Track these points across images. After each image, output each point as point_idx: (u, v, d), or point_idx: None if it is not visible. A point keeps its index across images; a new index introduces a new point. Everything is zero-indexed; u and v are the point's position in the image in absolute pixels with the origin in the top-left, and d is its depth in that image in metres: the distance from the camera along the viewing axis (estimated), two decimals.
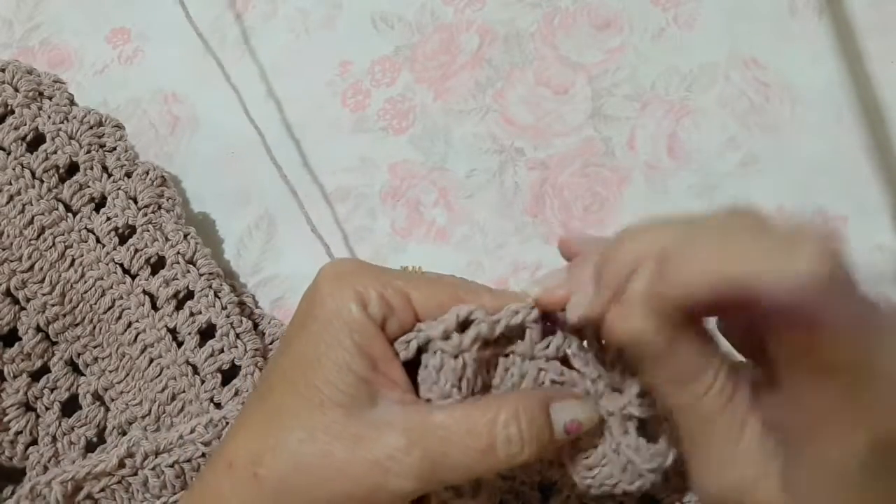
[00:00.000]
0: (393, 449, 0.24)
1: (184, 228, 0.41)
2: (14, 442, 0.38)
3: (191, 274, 0.40)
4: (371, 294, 0.25)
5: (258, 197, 0.48)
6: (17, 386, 0.39)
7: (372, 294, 0.25)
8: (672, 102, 0.47)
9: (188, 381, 0.38)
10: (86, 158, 0.41)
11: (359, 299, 0.25)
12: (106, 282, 0.40)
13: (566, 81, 0.48)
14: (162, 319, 0.39)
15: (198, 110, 0.50)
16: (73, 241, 0.40)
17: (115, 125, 0.42)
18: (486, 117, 0.48)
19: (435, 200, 0.47)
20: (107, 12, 0.54)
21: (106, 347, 0.40)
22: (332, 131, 0.49)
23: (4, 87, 0.41)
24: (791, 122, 0.45)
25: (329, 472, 0.24)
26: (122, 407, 0.39)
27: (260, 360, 0.39)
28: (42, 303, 0.39)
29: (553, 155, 0.47)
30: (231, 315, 0.40)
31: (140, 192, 0.41)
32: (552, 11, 0.50)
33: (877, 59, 0.46)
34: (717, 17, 0.48)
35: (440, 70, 0.50)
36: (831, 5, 0.47)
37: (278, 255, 0.47)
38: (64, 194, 0.40)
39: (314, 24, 0.52)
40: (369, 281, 0.26)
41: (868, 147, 0.44)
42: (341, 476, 0.24)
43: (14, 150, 0.40)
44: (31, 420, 0.39)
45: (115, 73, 0.52)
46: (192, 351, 0.39)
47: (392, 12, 0.51)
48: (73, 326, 0.40)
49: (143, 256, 0.40)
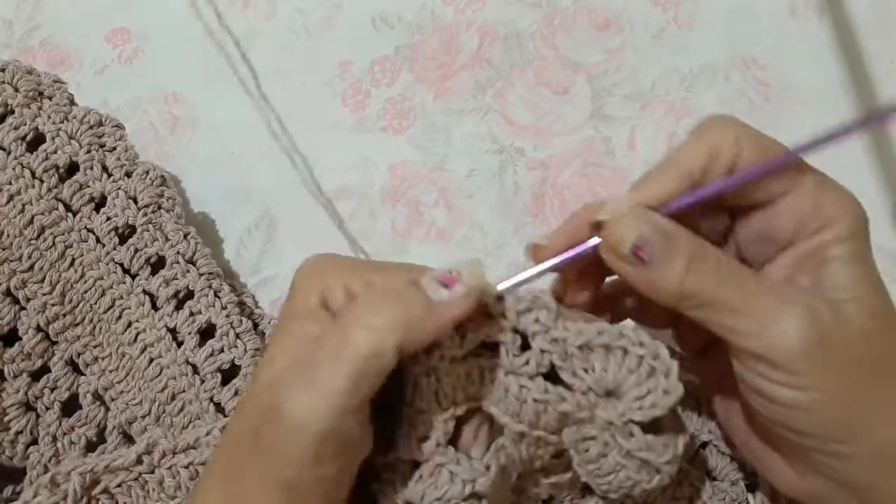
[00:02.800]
0: None
1: (184, 228, 0.41)
2: (14, 442, 0.38)
3: (191, 274, 0.40)
4: (335, 287, 0.27)
5: (258, 197, 0.48)
6: (17, 386, 0.39)
7: (336, 287, 0.27)
8: (672, 102, 0.47)
9: (188, 381, 0.38)
10: (86, 158, 0.41)
11: (319, 294, 0.27)
12: (106, 281, 0.40)
13: (566, 81, 0.48)
14: (162, 319, 0.39)
15: (198, 110, 0.50)
16: (73, 240, 0.40)
17: (115, 125, 0.42)
18: (486, 117, 0.48)
19: (435, 200, 0.47)
20: (107, 12, 0.54)
21: (106, 347, 0.40)
22: (332, 131, 0.49)
23: (4, 87, 0.41)
24: (791, 122, 0.45)
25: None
26: (122, 406, 0.39)
27: (260, 360, 0.39)
28: (42, 302, 0.39)
29: (553, 155, 0.47)
30: (231, 315, 0.40)
31: (140, 192, 0.41)
32: (552, 11, 0.50)
33: (877, 59, 0.46)
34: (717, 17, 0.48)
35: (440, 70, 0.50)
36: (831, 5, 0.47)
37: (278, 255, 0.47)
38: (64, 194, 0.40)
39: (314, 24, 0.52)
40: (337, 274, 0.27)
41: (868, 147, 0.44)
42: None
43: (14, 150, 0.40)
44: (31, 420, 0.39)
45: (115, 73, 0.52)
46: (191, 351, 0.39)
47: (392, 12, 0.51)
48: (73, 326, 0.40)
49: (143, 256, 0.40)
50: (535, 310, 0.27)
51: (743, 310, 0.25)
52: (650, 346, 0.27)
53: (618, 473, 0.28)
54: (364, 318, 0.25)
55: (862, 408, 0.25)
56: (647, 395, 0.26)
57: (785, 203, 0.28)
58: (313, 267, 0.28)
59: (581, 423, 0.28)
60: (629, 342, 0.27)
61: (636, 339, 0.27)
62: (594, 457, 0.28)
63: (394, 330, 0.24)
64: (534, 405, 0.27)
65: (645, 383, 0.26)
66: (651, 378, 0.26)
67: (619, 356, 0.27)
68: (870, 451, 0.25)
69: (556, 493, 0.32)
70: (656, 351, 0.27)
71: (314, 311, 0.26)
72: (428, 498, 0.27)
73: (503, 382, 0.28)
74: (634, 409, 0.26)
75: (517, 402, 0.27)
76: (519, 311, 0.28)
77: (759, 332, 0.25)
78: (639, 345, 0.27)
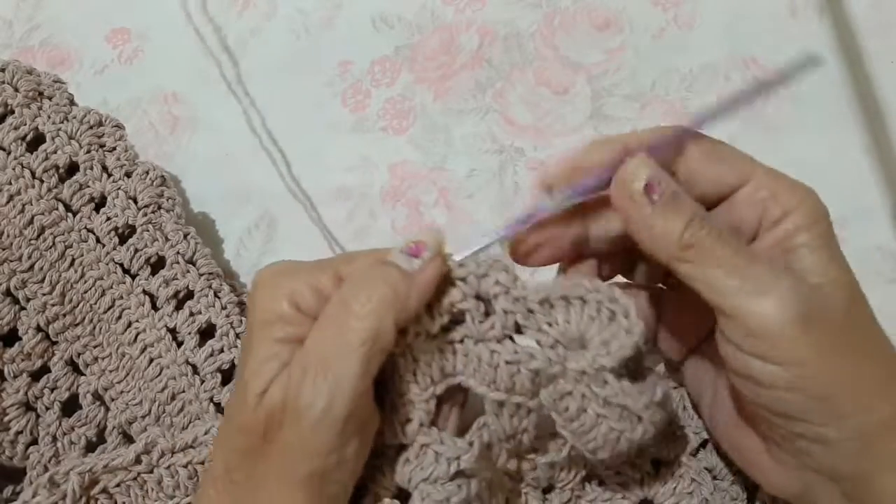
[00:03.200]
0: None
1: (184, 228, 0.41)
2: (14, 442, 0.38)
3: (191, 274, 0.40)
4: (302, 289, 0.27)
5: (258, 197, 0.48)
6: (17, 386, 0.39)
7: (303, 289, 0.27)
8: (672, 102, 0.47)
9: (188, 381, 0.38)
10: (86, 158, 0.41)
11: (289, 296, 0.27)
12: (106, 281, 0.40)
13: (566, 81, 0.48)
14: (162, 319, 0.39)
15: (198, 110, 0.50)
16: (73, 240, 0.40)
17: (115, 125, 0.42)
18: (486, 117, 0.48)
19: (435, 200, 0.47)
20: (107, 12, 0.54)
21: (106, 347, 0.40)
22: (332, 131, 0.49)
23: (4, 87, 0.41)
24: (791, 122, 0.45)
25: None
26: (122, 407, 0.39)
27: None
28: (42, 303, 0.39)
29: (553, 155, 0.47)
30: (231, 315, 0.40)
31: (140, 192, 0.41)
32: (552, 11, 0.50)
33: (877, 59, 0.46)
34: (717, 17, 0.48)
35: (440, 70, 0.50)
36: (831, 5, 0.47)
37: (278, 255, 0.47)
38: (64, 194, 0.40)
39: (314, 24, 0.52)
40: (300, 277, 0.28)
41: (868, 147, 0.44)
42: None
43: (14, 150, 0.40)
44: (31, 420, 0.39)
45: (115, 73, 0.52)
46: (191, 351, 0.39)
47: (392, 12, 0.51)
48: (73, 326, 0.40)
49: (143, 256, 0.40)
50: (494, 272, 0.28)
51: (736, 271, 0.26)
52: (605, 291, 0.28)
53: (600, 427, 0.28)
54: (357, 305, 0.26)
55: (843, 388, 0.25)
56: (612, 339, 0.27)
57: (742, 194, 0.29)
58: (273, 276, 0.28)
59: (555, 380, 0.28)
60: (585, 291, 0.28)
61: (591, 287, 0.28)
62: (574, 413, 0.28)
63: (388, 309, 0.26)
64: (507, 368, 0.28)
65: (607, 328, 0.27)
66: (612, 322, 0.27)
67: (579, 306, 0.28)
68: (853, 434, 0.25)
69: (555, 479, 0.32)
70: (612, 295, 0.28)
71: (287, 315, 0.27)
72: (415, 479, 0.28)
73: (474, 353, 0.28)
74: (602, 354, 0.27)
75: (490, 368, 0.28)
76: (478, 276, 0.28)
77: (749, 295, 0.26)
78: (595, 291, 0.28)
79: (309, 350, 0.26)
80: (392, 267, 0.27)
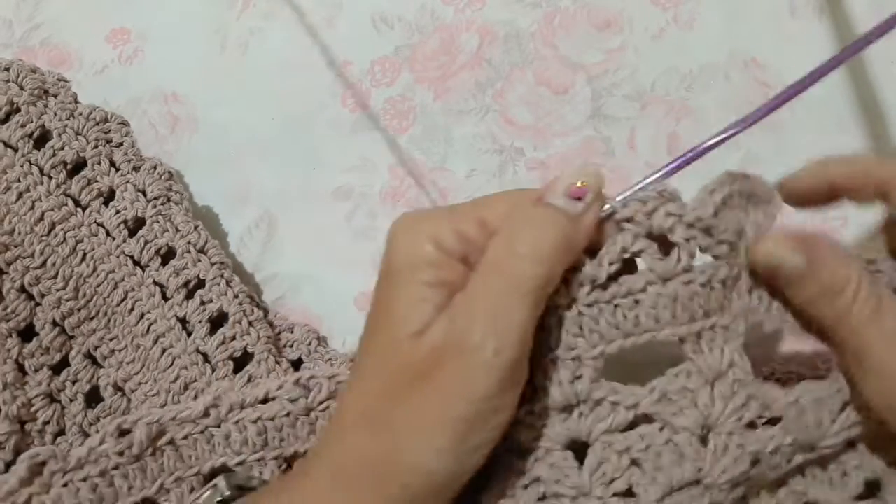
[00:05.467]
0: None
1: (193, 220, 0.41)
2: (42, 432, 0.38)
3: (202, 263, 0.40)
4: (444, 232, 0.26)
5: (258, 197, 0.48)
6: (39, 379, 0.39)
7: (446, 231, 0.26)
8: (672, 102, 0.47)
9: (199, 370, 0.38)
10: (93, 154, 0.41)
11: (433, 239, 0.26)
12: (118, 274, 0.40)
13: (566, 81, 0.48)
14: (172, 309, 0.39)
15: (198, 110, 0.50)
16: (83, 235, 0.40)
17: (121, 122, 0.43)
18: (486, 117, 0.48)
19: (435, 201, 0.47)
20: (107, 12, 0.54)
21: (121, 339, 0.40)
22: (332, 131, 0.49)
23: (10, 86, 0.41)
24: (791, 122, 0.45)
25: None
26: (141, 398, 0.39)
27: (272, 347, 0.39)
28: (56, 298, 0.39)
29: (553, 155, 0.47)
30: (243, 303, 0.40)
31: (149, 185, 0.41)
32: (552, 11, 0.50)
33: (877, 59, 0.46)
34: (717, 17, 0.48)
35: (440, 70, 0.50)
36: (831, 5, 0.47)
37: (278, 254, 0.47)
38: (72, 189, 0.41)
39: (314, 24, 0.52)
40: (440, 221, 0.27)
41: (868, 147, 0.44)
42: None
43: (21, 147, 0.40)
44: (56, 410, 0.39)
45: (115, 73, 0.52)
46: (202, 339, 0.39)
47: (392, 12, 0.51)
48: (88, 320, 0.40)
49: (154, 247, 0.40)
50: (664, 205, 0.26)
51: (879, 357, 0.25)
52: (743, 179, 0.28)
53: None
54: (526, 248, 0.25)
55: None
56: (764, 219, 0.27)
57: None
58: (413, 222, 0.27)
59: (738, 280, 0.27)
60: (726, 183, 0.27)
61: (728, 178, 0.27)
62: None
63: (559, 254, 0.25)
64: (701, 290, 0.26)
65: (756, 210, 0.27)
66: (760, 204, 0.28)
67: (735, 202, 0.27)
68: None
69: None
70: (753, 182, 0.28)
71: (434, 259, 0.26)
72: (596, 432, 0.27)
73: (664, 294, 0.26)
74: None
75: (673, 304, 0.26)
76: (647, 213, 0.27)
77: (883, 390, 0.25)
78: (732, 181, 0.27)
79: (475, 293, 0.25)
80: (556, 210, 0.26)
